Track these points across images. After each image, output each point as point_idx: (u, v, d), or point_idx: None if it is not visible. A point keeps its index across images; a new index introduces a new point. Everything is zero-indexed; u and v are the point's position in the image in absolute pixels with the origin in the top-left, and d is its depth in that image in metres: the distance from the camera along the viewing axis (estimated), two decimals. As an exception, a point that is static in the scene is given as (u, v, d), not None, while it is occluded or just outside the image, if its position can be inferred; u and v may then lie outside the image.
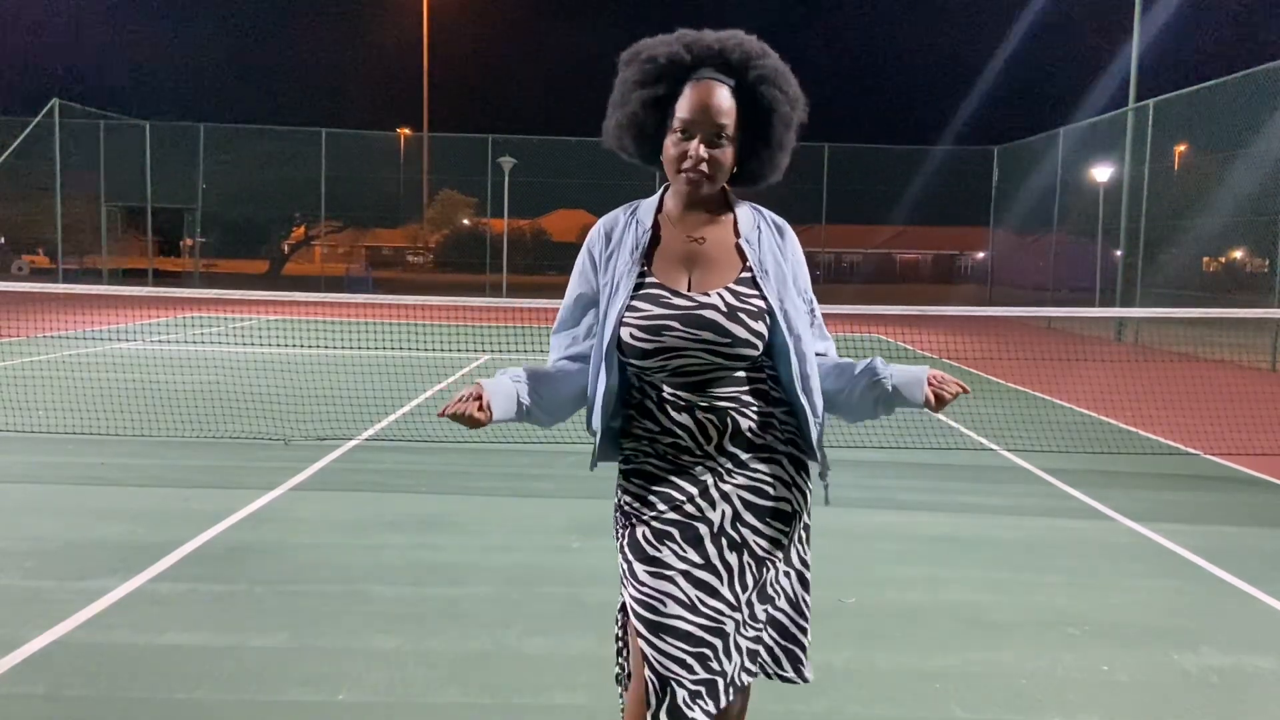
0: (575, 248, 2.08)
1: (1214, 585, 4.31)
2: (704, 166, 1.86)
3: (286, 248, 35.80)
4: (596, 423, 1.94)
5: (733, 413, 1.88)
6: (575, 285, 2.01)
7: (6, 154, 22.41)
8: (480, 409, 1.82)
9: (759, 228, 1.97)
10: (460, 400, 1.82)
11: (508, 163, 26.54)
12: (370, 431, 7.21)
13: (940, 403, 1.88)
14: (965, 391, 1.88)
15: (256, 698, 2.99)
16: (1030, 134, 24.51)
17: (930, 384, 1.88)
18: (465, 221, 37.68)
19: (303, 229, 35.00)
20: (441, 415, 1.80)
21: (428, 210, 36.52)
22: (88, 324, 13.06)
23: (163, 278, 29.17)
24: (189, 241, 31.89)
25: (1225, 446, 7.40)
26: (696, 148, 1.85)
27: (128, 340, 12.95)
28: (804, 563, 2.03)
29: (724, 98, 1.85)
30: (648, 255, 1.93)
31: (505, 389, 1.88)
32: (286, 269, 34.47)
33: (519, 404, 1.90)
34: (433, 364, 10.89)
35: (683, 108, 1.86)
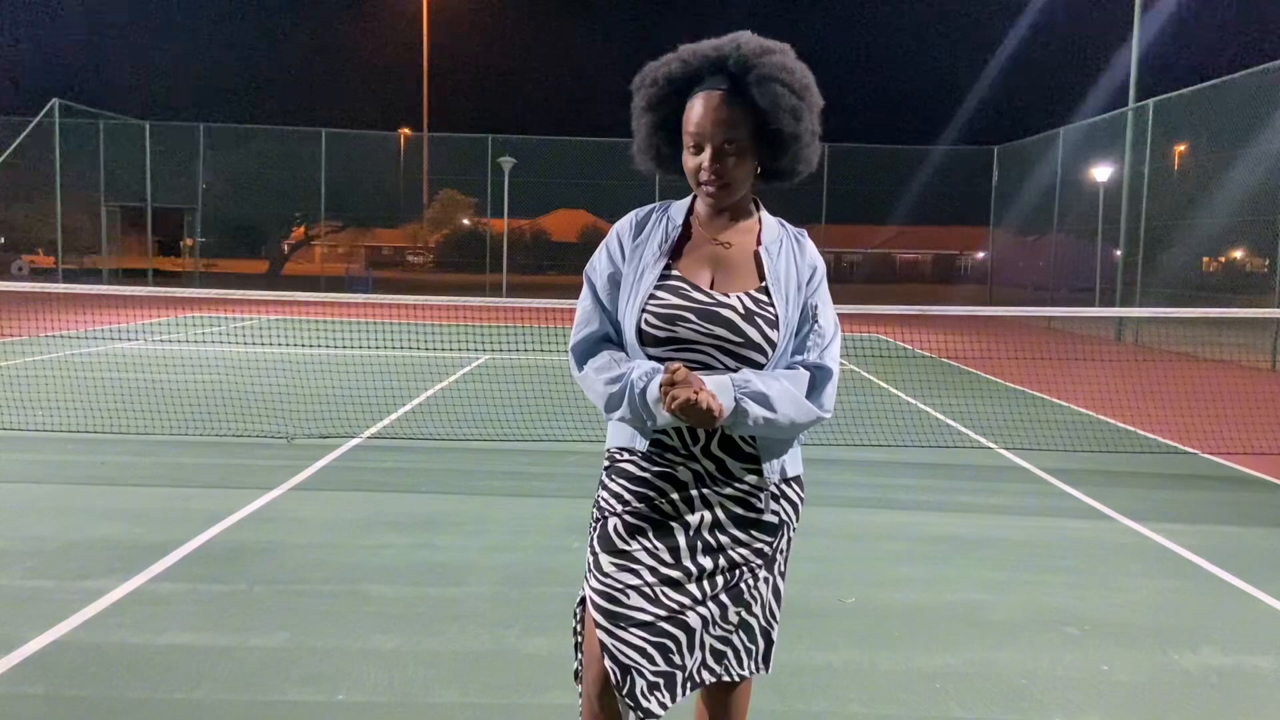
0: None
1: (1214, 585, 4.31)
2: (717, 177, 1.88)
3: (286, 248, 35.79)
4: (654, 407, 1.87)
5: None
6: (606, 266, 1.99)
7: (6, 154, 22.41)
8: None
9: (781, 240, 1.99)
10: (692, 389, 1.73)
11: (508, 163, 26.55)
12: (371, 431, 7.21)
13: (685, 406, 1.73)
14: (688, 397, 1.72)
15: (256, 698, 2.99)
16: (1030, 134, 24.54)
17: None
18: (465, 221, 37.69)
19: (303, 229, 35.00)
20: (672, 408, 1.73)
21: (428, 210, 36.54)
22: (88, 324, 13.06)
23: (163, 278, 29.14)
24: (189, 241, 31.88)
25: (1225, 446, 7.39)
26: (708, 160, 1.87)
27: (128, 340, 12.96)
28: (781, 573, 2.03)
29: (724, 107, 1.85)
30: (675, 251, 1.95)
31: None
32: (286, 269, 34.46)
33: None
34: (433, 364, 10.89)
35: (688, 123, 1.88)
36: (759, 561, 1.94)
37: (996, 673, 3.31)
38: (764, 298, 1.90)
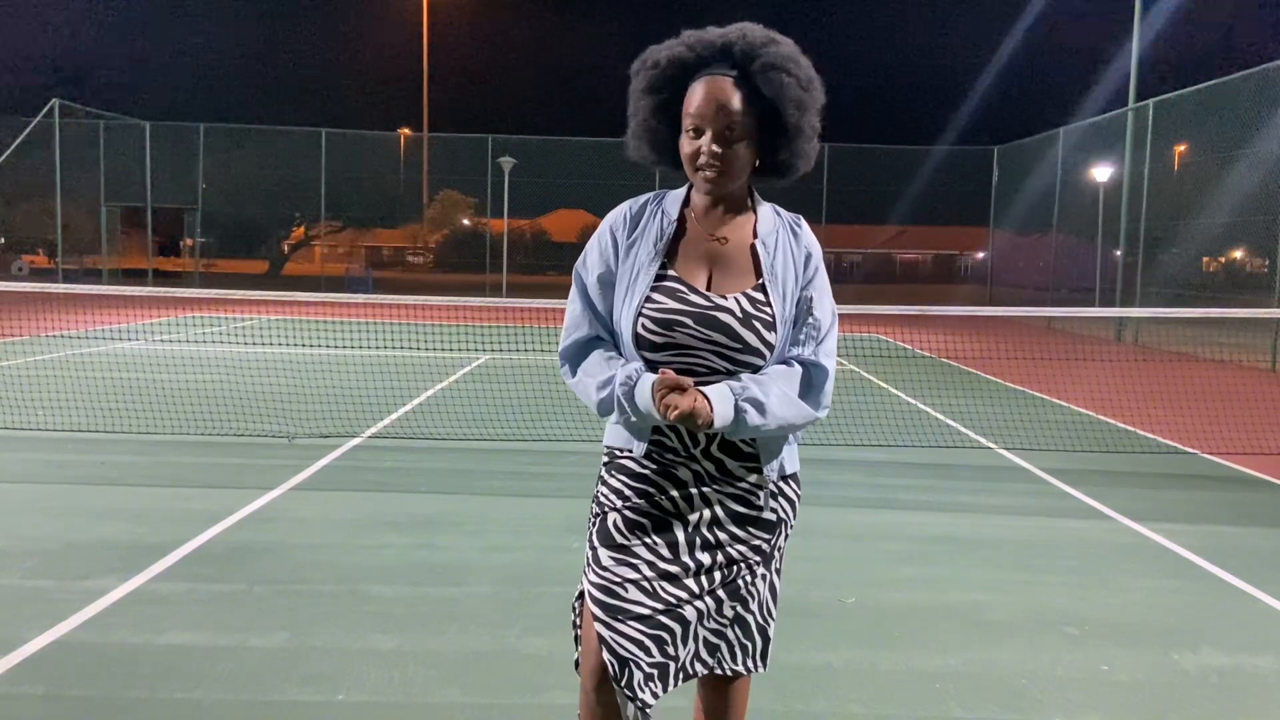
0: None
1: (1214, 585, 4.31)
2: (717, 162, 1.84)
3: (286, 248, 35.81)
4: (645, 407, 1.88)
5: None
6: (596, 264, 1.96)
7: (6, 154, 22.41)
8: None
9: (777, 230, 1.95)
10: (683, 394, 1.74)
11: (508, 163, 26.54)
12: (371, 431, 7.21)
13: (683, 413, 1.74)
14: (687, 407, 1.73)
15: (256, 698, 2.98)
16: (1030, 134, 24.53)
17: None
18: (465, 221, 37.68)
19: (303, 229, 35.01)
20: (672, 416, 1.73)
21: (428, 210, 36.54)
22: (88, 324, 13.07)
23: (163, 278, 29.16)
24: (189, 241, 31.89)
25: (1225, 446, 7.39)
26: (708, 144, 1.83)
27: (128, 340, 12.95)
28: (778, 570, 2.04)
29: (729, 91, 1.82)
30: (670, 248, 1.92)
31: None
32: (286, 269, 34.47)
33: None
34: (433, 364, 10.89)
35: (690, 106, 1.85)
36: (757, 559, 1.94)
37: (996, 673, 3.31)
38: (761, 297, 1.88)
